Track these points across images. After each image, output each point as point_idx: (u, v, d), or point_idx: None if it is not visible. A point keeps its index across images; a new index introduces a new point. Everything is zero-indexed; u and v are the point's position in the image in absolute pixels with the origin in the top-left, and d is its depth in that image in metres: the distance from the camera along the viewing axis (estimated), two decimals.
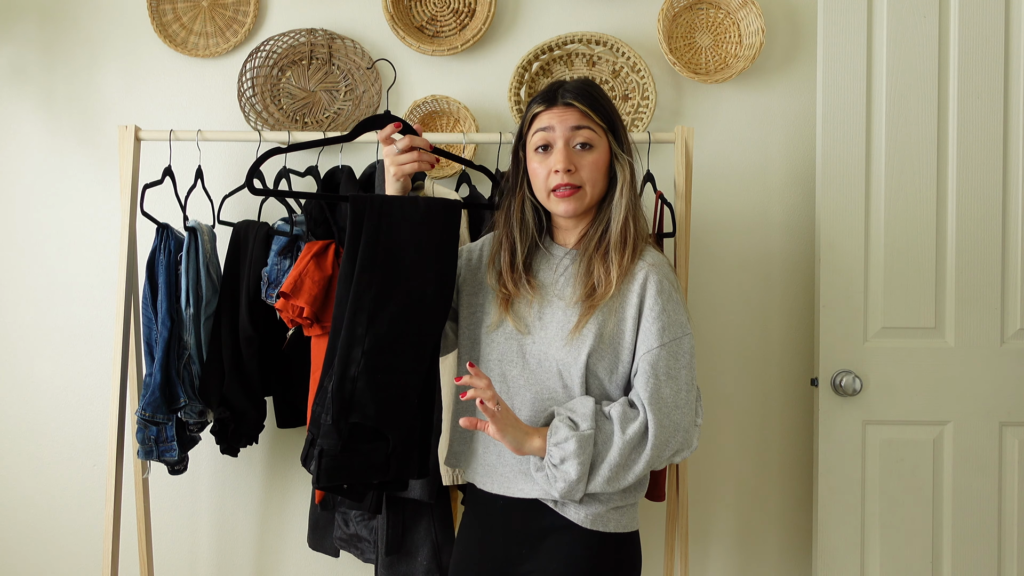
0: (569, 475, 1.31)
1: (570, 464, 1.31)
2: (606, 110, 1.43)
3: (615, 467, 1.33)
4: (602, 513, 1.39)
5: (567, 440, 1.31)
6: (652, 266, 1.39)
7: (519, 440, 1.33)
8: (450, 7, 2.25)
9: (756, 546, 2.28)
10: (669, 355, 1.36)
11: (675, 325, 1.37)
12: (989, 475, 2.08)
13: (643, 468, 1.34)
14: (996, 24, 2.08)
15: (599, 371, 1.38)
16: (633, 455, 1.34)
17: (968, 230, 2.08)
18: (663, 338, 1.35)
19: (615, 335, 1.38)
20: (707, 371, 2.26)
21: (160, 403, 1.87)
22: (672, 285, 1.40)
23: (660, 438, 1.33)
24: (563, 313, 1.41)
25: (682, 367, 1.37)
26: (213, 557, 2.26)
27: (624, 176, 1.43)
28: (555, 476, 1.33)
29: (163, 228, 1.93)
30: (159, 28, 2.21)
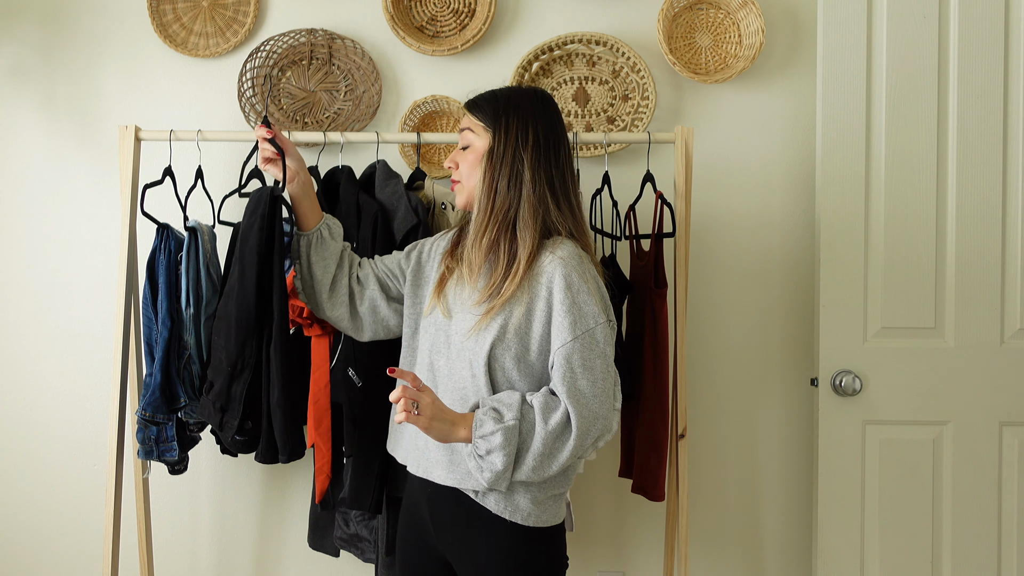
0: (495, 466, 1.36)
1: (496, 456, 1.35)
2: (491, 108, 1.52)
3: (539, 456, 1.37)
4: (522, 506, 1.43)
5: (493, 433, 1.35)
6: (560, 259, 1.43)
7: (445, 432, 1.37)
8: (450, 7, 2.25)
9: (756, 546, 2.28)
10: (583, 347, 1.39)
11: (586, 317, 1.40)
12: (989, 475, 2.08)
13: (567, 457, 1.39)
14: (996, 24, 2.08)
15: (504, 362, 1.42)
16: (557, 444, 1.38)
17: (968, 230, 2.08)
18: (575, 331, 1.39)
19: (521, 326, 1.42)
20: (707, 371, 2.26)
21: (160, 403, 1.87)
22: (581, 277, 1.42)
23: (582, 428, 1.38)
24: (468, 294, 1.48)
25: (596, 357, 1.40)
26: (213, 557, 2.26)
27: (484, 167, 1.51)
28: (481, 467, 1.37)
29: (163, 228, 1.93)
30: (159, 28, 2.21)
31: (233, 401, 1.68)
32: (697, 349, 2.26)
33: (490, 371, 1.42)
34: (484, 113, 1.53)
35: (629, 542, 2.27)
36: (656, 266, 1.95)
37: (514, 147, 1.48)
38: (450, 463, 1.45)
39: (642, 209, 2.08)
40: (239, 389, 1.68)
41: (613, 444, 2.20)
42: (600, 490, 2.26)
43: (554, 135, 1.52)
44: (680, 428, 1.96)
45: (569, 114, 2.26)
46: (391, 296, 1.67)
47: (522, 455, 1.37)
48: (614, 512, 2.27)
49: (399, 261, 1.67)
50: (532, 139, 1.49)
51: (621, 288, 2.03)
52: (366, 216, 1.91)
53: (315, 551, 2.13)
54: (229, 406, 1.68)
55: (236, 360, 1.66)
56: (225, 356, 1.66)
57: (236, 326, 1.65)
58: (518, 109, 1.51)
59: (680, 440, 1.96)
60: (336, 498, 1.93)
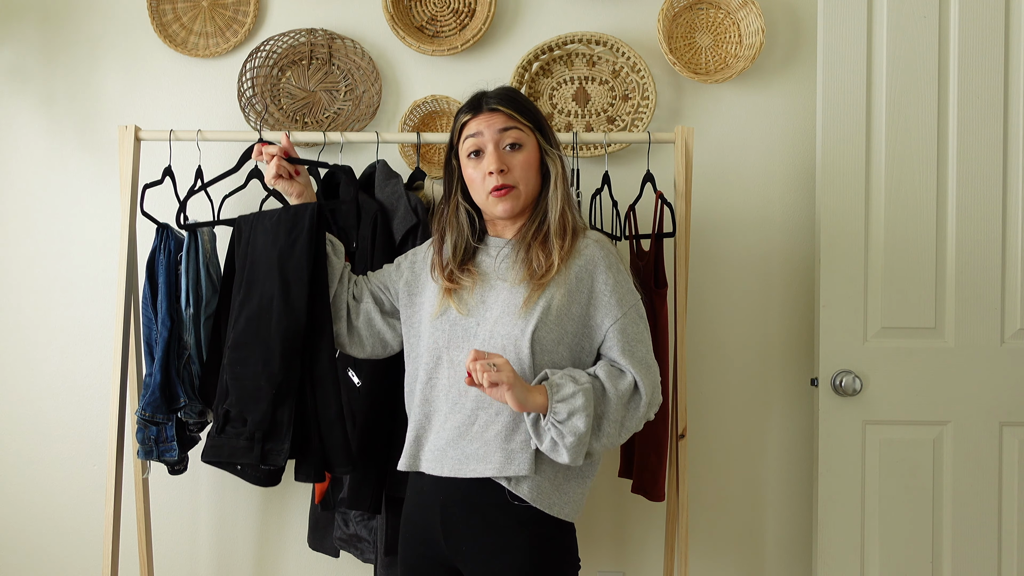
0: (579, 428, 1.36)
1: (578, 418, 1.36)
2: (530, 111, 1.54)
3: (615, 422, 1.41)
4: (549, 493, 1.43)
5: (574, 395, 1.36)
6: (596, 243, 1.50)
7: (523, 396, 1.36)
8: (450, 7, 2.25)
9: (756, 546, 2.28)
10: (631, 321, 1.46)
11: (629, 293, 1.48)
12: (989, 475, 2.08)
13: (637, 422, 1.44)
14: (996, 24, 2.08)
15: (547, 343, 1.43)
16: (629, 409, 1.43)
17: (968, 230, 2.08)
18: (623, 307, 1.46)
19: (562, 308, 1.44)
20: (707, 371, 2.26)
21: (160, 403, 1.87)
22: (617, 258, 1.50)
23: (649, 392, 1.44)
24: (508, 292, 1.48)
25: (643, 329, 1.48)
26: (213, 557, 2.26)
27: (556, 170, 1.53)
28: (563, 432, 1.36)
29: (163, 228, 1.93)
30: (159, 28, 2.21)
31: (280, 427, 1.58)
32: (697, 349, 2.26)
33: (533, 353, 1.42)
34: (524, 112, 1.53)
35: (629, 542, 2.27)
36: (656, 266, 1.95)
37: (556, 147, 1.55)
38: (484, 455, 1.43)
39: (642, 209, 2.07)
40: (286, 414, 1.58)
41: None
42: (600, 490, 2.26)
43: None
44: (680, 428, 1.96)
45: (569, 114, 2.26)
46: (385, 310, 1.67)
47: (600, 421, 1.40)
48: (614, 512, 2.27)
49: (390, 274, 1.68)
50: (555, 137, 1.58)
51: None
52: (365, 216, 1.91)
53: (315, 551, 2.13)
54: (274, 433, 1.58)
55: (282, 382, 1.57)
56: (266, 381, 1.57)
57: (283, 348, 1.57)
58: (541, 115, 1.57)
59: (680, 440, 1.96)
60: (336, 498, 1.93)
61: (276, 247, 1.61)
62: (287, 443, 1.58)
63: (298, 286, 1.58)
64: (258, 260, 1.63)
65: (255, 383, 1.58)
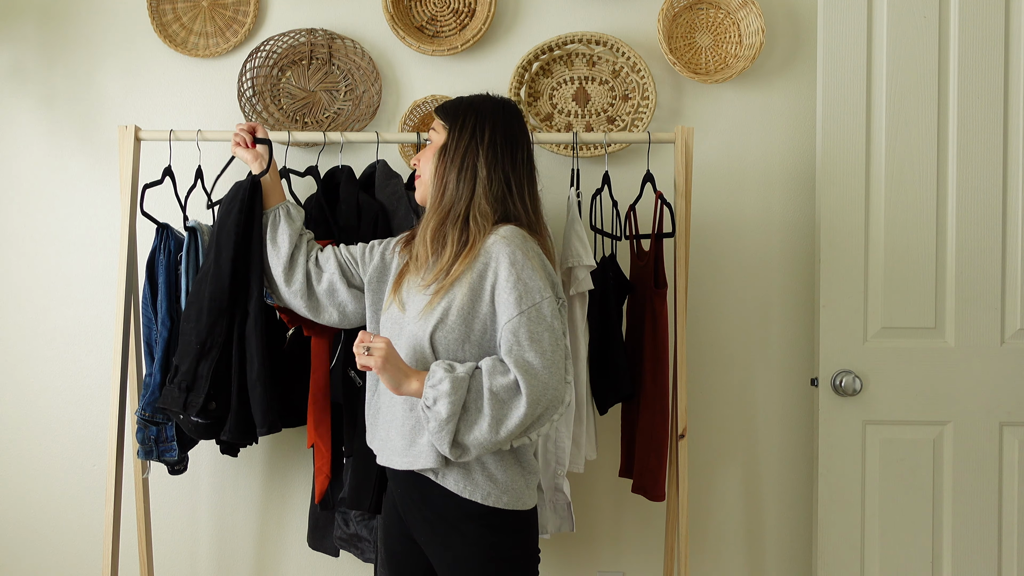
0: (440, 414, 1.36)
1: (442, 404, 1.36)
2: (453, 108, 1.59)
3: (490, 416, 1.37)
4: (481, 484, 1.44)
5: (441, 381, 1.37)
6: (503, 238, 1.46)
7: (398, 379, 1.40)
8: (450, 7, 2.25)
9: (756, 546, 2.28)
10: (530, 320, 1.41)
11: (532, 292, 1.42)
12: (989, 475, 2.08)
13: (517, 424, 1.38)
14: (996, 24, 2.08)
15: (449, 343, 1.45)
16: (507, 407, 1.38)
17: (968, 230, 2.08)
18: (521, 306, 1.41)
19: (465, 308, 1.45)
20: (707, 371, 2.26)
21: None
22: (525, 254, 1.44)
23: (532, 396, 1.38)
24: (421, 292, 1.51)
25: (544, 330, 1.41)
26: (213, 557, 2.26)
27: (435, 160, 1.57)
28: (427, 417, 1.39)
29: (163, 228, 1.93)
30: (159, 28, 2.21)
31: (199, 380, 1.72)
32: (697, 349, 2.26)
33: (435, 353, 1.45)
34: (446, 113, 1.59)
35: (629, 542, 2.27)
36: (656, 266, 1.95)
37: (467, 142, 1.53)
38: (407, 447, 1.48)
39: (642, 209, 2.08)
40: (206, 368, 1.72)
41: (613, 444, 2.20)
42: (600, 490, 2.26)
43: (512, 139, 1.55)
44: (680, 428, 1.96)
45: (569, 114, 2.26)
46: (352, 283, 1.72)
47: (471, 414, 1.38)
48: (614, 512, 2.27)
49: (363, 250, 1.73)
50: (488, 138, 1.52)
51: (621, 288, 2.03)
52: (366, 216, 1.91)
53: (315, 551, 2.13)
54: (195, 385, 1.72)
55: (206, 339, 1.71)
56: (195, 337, 1.71)
57: (208, 306, 1.71)
58: (477, 111, 1.56)
59: (680, 440, 1.96)
60: (336, 498, 1.93)
61: (218, 217, 1.77)
62: (203, 397, 1.70)
63: (226, 251, 1.71)
64: (213, 231, 1.79)
65: (187, 338, 1.73)
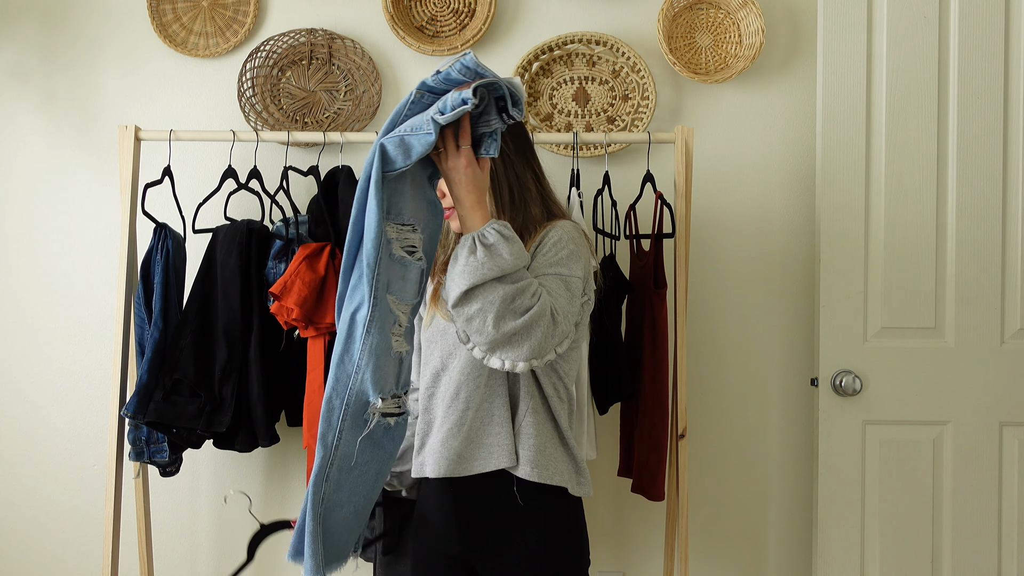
0: (497, 252, 1.26)
1: (503, 247, 1.27)
2: None
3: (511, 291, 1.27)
4: (544, 464, 1.41)
5: (513, 238, 1.28)
6: (561, 227, 1.44)
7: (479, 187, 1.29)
8: (450, 7, 2.25)
9: (756, 546, 2.28)
10: (551, 280, 1.36)
11: (563, 263, 1.38)
12: (989, 475, 2.08)
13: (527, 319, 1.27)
14: (996, 24, 2.08)
15: None
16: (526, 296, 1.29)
17: (968, 230, 2.08)
18: (548, 269, 1.37)
19: None
20: (707, 371, 2.26)
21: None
22: (574, 241, 1.42)
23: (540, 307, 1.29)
24: None
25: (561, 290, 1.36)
26: (213, 557, 2.26)
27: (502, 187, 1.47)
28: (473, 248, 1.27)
29: (160, 228, 1.93)
30: (159, 28, 2.21)
31: (225, 401, 1.89)
32: (697, 349, 2.26)
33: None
34: None
35: (629, 542, 2.27)
36: (656, 266, 1.95)
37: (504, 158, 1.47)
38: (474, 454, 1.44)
39: (642, 209, 2.07)
40: (229, 391, 1.90)
41: (613, 444, 2.20)
42: (600, 490, 2.26)
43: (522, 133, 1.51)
44: (680, 428, 1.96)
45: (569, 114, 2.26)
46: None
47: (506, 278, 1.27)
48: (614, 512, 2.27)
49: None
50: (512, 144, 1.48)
51: (620, 288, 2.03)
52: None
53: None
54: (221, 406, 1.89)
55: (226, 364, 1.89)
56: (217, 365, 1.89)
57: (225, 337, 1.89)
58: None
59: (680, 440, 1.96)
60: None
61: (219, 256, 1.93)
62: (229, 415, 1.88)
63: (233, 288, 1.90)
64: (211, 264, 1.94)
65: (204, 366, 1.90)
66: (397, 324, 1.30)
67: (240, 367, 1.92)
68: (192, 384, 1.87)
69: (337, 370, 1.28)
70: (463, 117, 1.23)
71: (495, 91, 1.21)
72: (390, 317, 1.28)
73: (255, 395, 1.92)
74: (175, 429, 1.90)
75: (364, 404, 1.28)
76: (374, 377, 1.26)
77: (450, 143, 1.26)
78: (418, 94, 1.25)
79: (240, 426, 1.93)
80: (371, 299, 1.25)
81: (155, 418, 1.85)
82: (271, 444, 1.96)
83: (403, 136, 1.22)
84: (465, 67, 1.21)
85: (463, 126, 1.24)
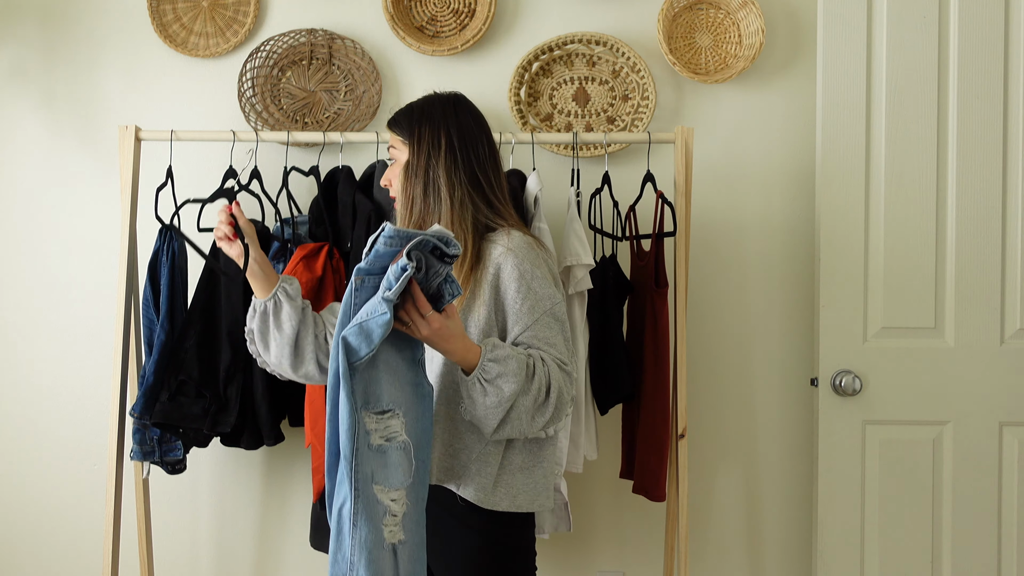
0: (503, 392, 1.33)
1: (506, 382, 1.33)
2: (406, 121, 1.53)
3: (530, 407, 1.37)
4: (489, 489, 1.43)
5: (508, 358, 1.33)
6: (510, 251, 1.45)
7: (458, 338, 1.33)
8: (450, 7, 2.25)
9: (756, 546, 2.28)
10: (544, 326, 1.42)
11: (543, 299, 1.44)
12: (989, 475, 2.08)
13: (550, 416, 1.39)
14: (996, 24, 2.08)
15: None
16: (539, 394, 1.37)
17: (968, 230, 2.08)
18: (535, 313, 1.42)
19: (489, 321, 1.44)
20: (707, 371, 2.26)
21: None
22: (533, 263, 1.45)
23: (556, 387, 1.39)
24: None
25: (556, 334, 1.43)
26: (213, 557, 2.26)
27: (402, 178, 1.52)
28: (486, 391, 1.34)
29: (166, 229, 1.93)
30: (159, 28, 2.21)
31: (230, 402, 1.91)
32: (697, 349, 2.26)
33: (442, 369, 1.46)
34: (401, 127, 1.54)
35: (629, 542, 2.27)
36: (656, 266, 1.95)
37: (427, 156, 1.50)
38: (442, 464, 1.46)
39: (642, 209, 2.08)
40: (234, 391, 1.91)
41: (614, 445, 2.20)
42: (600, 490, 2.26)
43: (469, 135, 1.52)
44: (680, 428, 1.96)
45: (569, 114, 2.26)
46: None
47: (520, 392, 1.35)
48: (614, 512, 2.27)
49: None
50: (445, 144, 1.50)
51: (621, 288, 2.03)
52: (360, 217, 1.92)
53: (316, 550, 2.13)
54: (227, 407, 1.91)
55: (230, 366, 1.91)
56: (222, 366, 1.91)
57: (228, 340, 1.90)
58: (430, 118, 1.53)
59: (680, 440, 1.96)
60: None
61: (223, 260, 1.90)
62: (234, 415, 1.90)
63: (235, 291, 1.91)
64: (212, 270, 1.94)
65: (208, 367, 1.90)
66: (389, 514, 1.27)
67: (244, 368, 1.92)
68: (197, 385, 1.89)
69: (332, 568, 1.26)
70: (413, 287, 1.25)
71: (426, 246, 1.23)
72: (379, 508, 1.26)
73: (259, 395, 1.94)
74: (181, 429, 1.91)
75: None
76: (368, 572, 1.23)
77: (413, 315, 1.28)
78: (358, 280, 1.27)
79: (245, 425, 1.94)
80: (352, 492, 1.24)
81: (162, 419, 1.86)
82: (276, 443, 1.97)
83: (361, 323, 1.23)
84: (388, 237, 1.23)
85: (416, 296, 1.27)
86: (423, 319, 1.28)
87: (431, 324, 1.28)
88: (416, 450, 1.31)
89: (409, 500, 1.29)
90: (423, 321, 1.28)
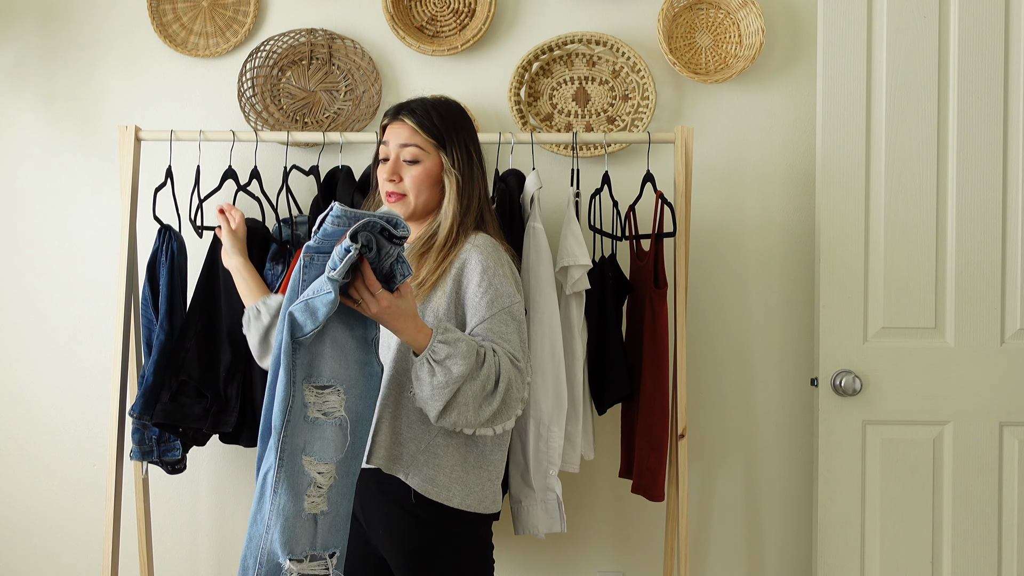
0: (451, 373, 1.36)
1: (456, 362, 1.37)
2: (436, 127, 1.57)
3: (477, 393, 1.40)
4: (447, 485, 1.47)
5: (459, 341, 1.38)
6: (475, 247, 1.52)
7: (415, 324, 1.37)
8: (450, 7, 2.25)
9: (756, 546, 2.28)
10: (500, 321, 1.47)
11: (502, 296, 1.49)
12: (989, 475, 2.08)
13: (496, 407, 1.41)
14: (996, 24, 2.08)
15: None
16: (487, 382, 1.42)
17: (968, 230, 2.08)
18: (493, 308, 1.47)
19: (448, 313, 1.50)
20: (707, 371, 2.26)
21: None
22: (496, 261, 1.51)
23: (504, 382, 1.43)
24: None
25: (512, 331, 1.48)
26: (213, 557, 2.26)
27: (452, 187, 1.57)
28: (431, 371, 1.37)
29: (165, 230, 1.93)
30: (159, 28, 2.21)
31: (231, 402, 1.91)
32: (697, 349, 2.26)
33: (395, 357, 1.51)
34: (429, 131, 1.58)
35: (629, 542, 2.27)
36: (656, 266, 1.95)
37: (468, 168, 1.58)
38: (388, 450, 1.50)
39: (642, 209, 2.07)
40: (234, 391, 1.91)
41: (613, 444, 2.20)
42: (600, 490, 2.26)
43: (478, 147, 1.63)
44: (680, 428, 1.96)
45: (569, 114, 2.26)
46: None
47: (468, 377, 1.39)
48: (614, 512, 2.27)
49: None
50: (475, 157, 1.61)
51: (621, 288, 2.03)
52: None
53: None
54: (227, 407, 1.90)
55: (230, 366, 1.90)
56: (222, 366, 1.91)
57: (228, 340, 1.90)
58: (458, 128, 1.60)
59: (680, 440, 1.96)
60: None
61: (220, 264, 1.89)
62: (235, 414, 1.89)
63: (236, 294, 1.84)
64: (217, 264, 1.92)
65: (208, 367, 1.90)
66: (314, 485, 1.30)
67: (244, 367, 1.92)
68: (198, 385, 1.89)
69: (251, 528, 1.30)
70: (363, 265, 1.28)
71: (374, 227, 1.26)
72: (304, 479, 1.29)
73: (259, 394, 1.93)
74: (181, 429, 1.92)
75: (276, 566, 1.29)
76: (282, 538, 1.27)
77: (363, 293, 1.32)
78: (307, 257, 1.30)
79: (245, 424, 1.94)
80: (276, 462, 1.28)
81: (162, 419, 1.87)
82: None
83: (307, 301, 1.26)
84: (336, 217, 1.26)
85: (366, 274, 1.30)
86: (372, 297, 1.31)
87: (380, 302, 1.31)
88: (354, 426, 1.35)
89: (338, 474, 1.33)
90: (372, 299, 1.31)
